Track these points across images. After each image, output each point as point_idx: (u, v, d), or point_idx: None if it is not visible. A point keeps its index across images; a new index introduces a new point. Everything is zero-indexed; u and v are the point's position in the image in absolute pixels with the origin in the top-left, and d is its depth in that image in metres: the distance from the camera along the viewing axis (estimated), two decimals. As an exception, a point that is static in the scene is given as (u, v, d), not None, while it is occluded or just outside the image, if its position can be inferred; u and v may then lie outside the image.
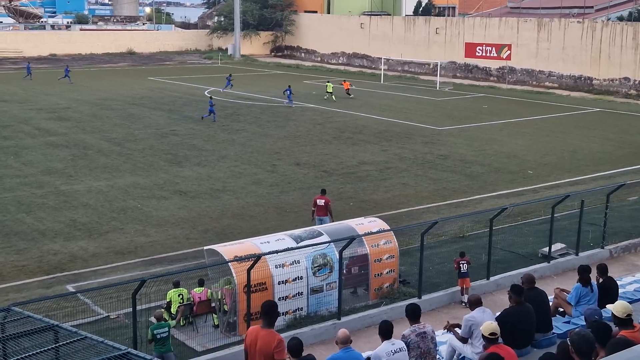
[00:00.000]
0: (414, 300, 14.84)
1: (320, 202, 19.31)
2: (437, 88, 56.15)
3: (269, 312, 8.05)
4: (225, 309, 14.04)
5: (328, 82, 49.70)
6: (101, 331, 12.59)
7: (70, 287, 16.23)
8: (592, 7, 62.44)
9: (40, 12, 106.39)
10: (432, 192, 24.97)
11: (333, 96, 47.07)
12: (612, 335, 7.22)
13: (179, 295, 14.21)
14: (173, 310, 14.02)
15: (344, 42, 77.41)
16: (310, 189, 24.82)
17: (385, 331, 8.91)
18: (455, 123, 39.40)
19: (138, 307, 12.14)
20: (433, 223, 15.46)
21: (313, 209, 19.64)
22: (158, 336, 12.18)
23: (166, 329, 12.31)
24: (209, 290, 14.37)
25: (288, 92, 44.63)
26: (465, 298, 15.00)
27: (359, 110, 43.47)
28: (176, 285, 14.40)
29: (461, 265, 15.28)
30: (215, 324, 14.27)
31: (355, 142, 33.70)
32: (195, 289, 14.39)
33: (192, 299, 14.25)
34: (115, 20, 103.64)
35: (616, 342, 6.48)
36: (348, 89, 49.58)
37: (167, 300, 14.20)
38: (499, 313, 10.08)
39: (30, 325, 9.22)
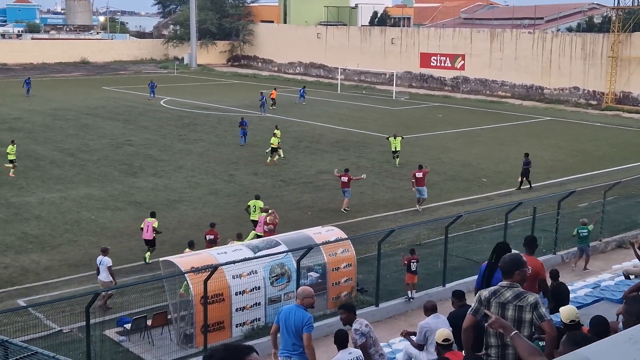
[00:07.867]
0: (372, 308, 14.94)
1: (210, 237, 18.50)
2: (394, 97, 56.71)
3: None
4: None
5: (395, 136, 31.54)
6: (54, 346, 12.34)
7: (21, 302, 15.85)
8: (542, 18, 63.98)
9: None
10: (388, 201, 25.18)
11: (397, 159, 31.18)
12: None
13: (252, 206, 20.28)
14: (252, 216, 20.41)
15: (300, 51, 77.63)
16: (268, 199, 24.72)
17: (341, 340, 8.92)
18: (411, 132, 39.82)
19: (92, 321, 11.95)
20: (390, 231, 15.62)
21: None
22: (580, 234, 18.25)
23: (586, 230, 18.31)
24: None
25: None
26: (412, 294, 15.87)
27: (316, 119, 43.61)
28: (257, 197, 20.99)
29: (411, 263, 15.91)
30: None
31: (313, 151, 33.78)
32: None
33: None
34: (68, 29, 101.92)
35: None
36: (274, 98, 49.58)
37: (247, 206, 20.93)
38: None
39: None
